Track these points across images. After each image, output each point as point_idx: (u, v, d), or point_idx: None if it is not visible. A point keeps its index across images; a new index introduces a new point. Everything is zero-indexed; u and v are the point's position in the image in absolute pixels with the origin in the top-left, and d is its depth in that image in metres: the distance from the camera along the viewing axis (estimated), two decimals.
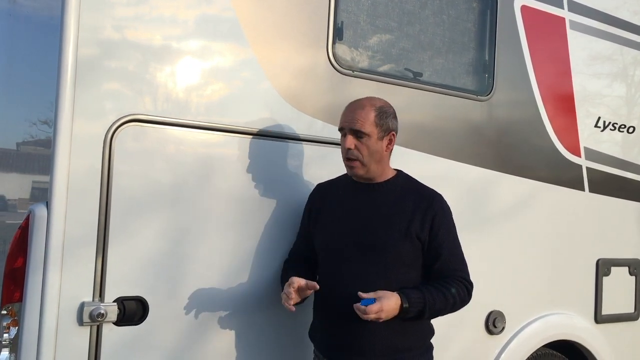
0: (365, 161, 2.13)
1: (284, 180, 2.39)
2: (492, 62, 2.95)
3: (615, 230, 3.43)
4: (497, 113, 2.97)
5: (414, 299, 2.00)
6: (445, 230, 2.14)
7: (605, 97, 3.45)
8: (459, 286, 2.11)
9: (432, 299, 2.04)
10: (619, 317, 3.41)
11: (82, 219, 1.97)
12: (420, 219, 2.10)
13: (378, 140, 2.13)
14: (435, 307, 2.05)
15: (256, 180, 2.33)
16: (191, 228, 2.18)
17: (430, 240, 2.11)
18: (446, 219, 2.16)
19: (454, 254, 2.15)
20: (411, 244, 2.09)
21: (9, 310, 1.95)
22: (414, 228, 2.09)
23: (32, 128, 2.50)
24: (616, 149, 3.46)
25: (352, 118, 2.12)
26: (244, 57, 2.31)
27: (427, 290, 2.05)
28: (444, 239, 2.12)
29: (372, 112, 2.12)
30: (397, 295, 1.98)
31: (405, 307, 1.98)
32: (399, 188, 2.19)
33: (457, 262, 2.16)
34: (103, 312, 1.97)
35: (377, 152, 2.14)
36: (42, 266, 1.92)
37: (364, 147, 2.12)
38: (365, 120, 2.11)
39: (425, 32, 2.78)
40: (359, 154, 2.12)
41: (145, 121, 2.09)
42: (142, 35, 2.11)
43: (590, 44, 3.33)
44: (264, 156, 2.35)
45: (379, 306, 1.92)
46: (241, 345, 2.29)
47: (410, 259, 2.11)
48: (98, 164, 2.00)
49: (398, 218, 2.11)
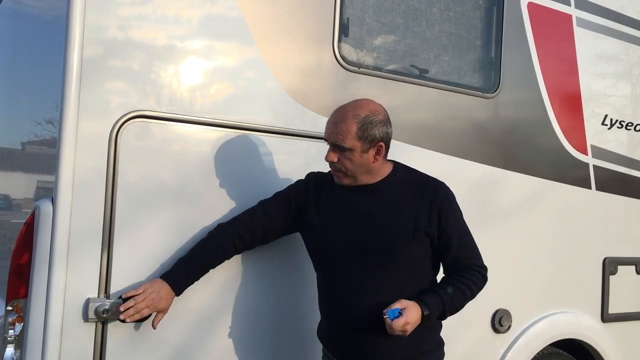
0: (350, 173, 2.04)
1: (289, 177, 2.38)
2: (498, 60, 2.94)
3: (622, 228, 3.41)
4: (504, 111, 2.96)
5: (433, 304, 1.98)
6: (453, 220, 2.09)
7: (612, 95, 3.43)
8: (473, 275, 2.08)
9: (450, 298, 2.01)
10: (626, 316, 3.38)
11: (87, 215, 1.98)
12: (426, 213, 2.04)
13: (362, 153, 2.00)
14: (454, 305, 2.04)
15: (261, 177, 2.33)
16: (196, 224, 2.18)
17: (440, 233, 2.06)
18: (452, 208, 2.10)
19: (464, 243, 2.10)
20: (420, 241, 2.04)
21: (14, 306, 1.96)
22: (422, 224, 2.03)
23: (37, 127, 2.50)
24: (623, 147, 3.44)
25: (333, 131, 2.00)
26: (250, 55, 2.30)
27: (444, 291, 2.02)
28: (453, 229, 2.07)
29: (354, 125, 1.96)
30: (417, 305, 1.95)
31: (426, 314, 1.96)
32: (398, 182, 2.10)
33: (468, 250, 2.11)
34: (108, 308, 1.97)
35: (362, 165, 2.03)
36: (47, 262, 1.92)
37: (347, 161, 2.01)
38: (347, 134, 1.97)
39: (431, 29, 2.77)
40: (341, 166, 2.03)
41: (151, 117, 2.09)
42: (147, 34, 2.11)
43: (597, 42, 3.32)
44: (269, 153, 2.34)
45: (404, 320, 1.90)
46: (247, 342, 2.29)
47: (420, 257, 2.07)
48: (103, 161, 2.00)
49: (403, 216, 2.05)
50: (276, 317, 2.35)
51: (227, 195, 2.24)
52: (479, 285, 2.10)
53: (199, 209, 2.19)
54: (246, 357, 2.29)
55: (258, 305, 2.31)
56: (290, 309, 2.38)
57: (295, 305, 2.39)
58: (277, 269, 2.35)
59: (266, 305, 2.31)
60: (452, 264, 2.10)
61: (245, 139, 2.29)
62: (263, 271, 2.32)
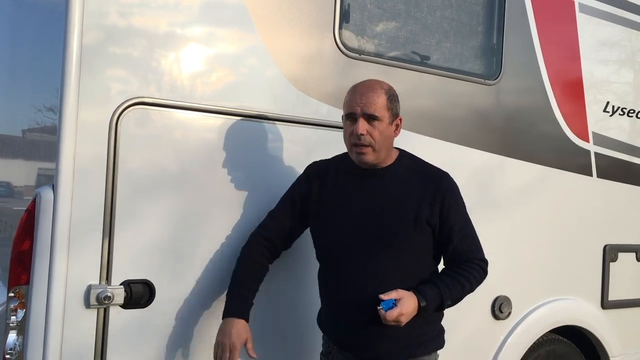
0: (377, 147, 2.02)
1: (290, 164, 2.38)
2: (500, 46, 2.92)
3: (622, 216, 3.41)
4: (505, 98, 2.95)
5: (431, 295, 1.97)
6: (456, 211, 2.07)
7: (614, 82, 3.42)
8: (473, 268, 2.07)
9: (449, 290, 2.00)
10: (626, 302, 3.39)
11: (88, 202, 1.98)
12: (429, 203, 2.03)
13: (389, 124, 2.04)
14: (452, 297, 2.02)
15: (262, 164, 2.32)
16: (197, 212, 2.18)
17: (441, 223, 2.05)
18: (455, 199, 2.09)
19: (466, 234, 2.09)
20: (422, 230, 2.03)
21: (16, 292, 1.96)
22: (424, 214, 2.02)
23: (37, 115, 2.50)
24: (625, 134, 3.43)
25: (366, 101, 1.99)
26: (251, 42, 2.29)
27: (442, 283, 2.01)
28: (455, 220, 2.06)
29: (383, 95, 2.02)
30: (414, 296, 1.94)
31: (423, 305, 1.95)
32: (403, 170, 2.10)
33: (469, 242, 2.10)
34: (110, 295, 1.98)
35: (388, 137, 2.05)
36: (49, 249, 1.93)
37: (377, 132, 2.00)
38: (377, 103, 2.00)
39: (432, 15, 2.75)
40: (371, 139, 2.00)
41: (151, 104, 2.09)
42: (147, 21, 2.10)
43: (600, 28, 3.29)
44: (270, 140, 2.34)
45: (398, 311, 1.90)
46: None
47: (422, 246, 2.07)
48: (104, 148, 2.00)
49: (407, 204, 2.04)
50: (276, 305, 2.36)
51: (228, 183, 2.24)
52: (478, 279, 2.09)
53: (200, 195, 2.19)
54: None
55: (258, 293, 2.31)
56: (290, 297, 2.39)
57: (296, 294, 2.40)
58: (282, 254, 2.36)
59: (266, 293, 2.31)
60: (453, 255, 2.09)
61: (246, 126, 2.28)
62: None
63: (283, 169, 2.36)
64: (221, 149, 2.23)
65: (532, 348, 3.04)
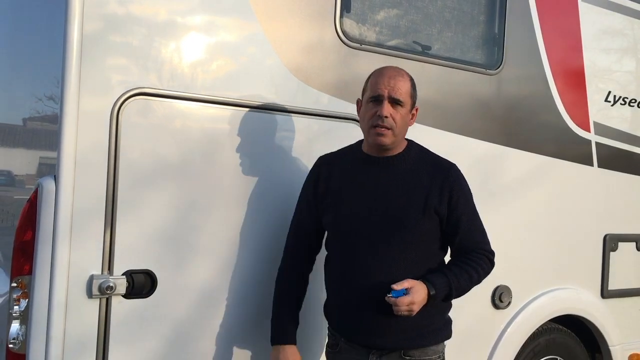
0: (396, 131, 2.04)
1: (290, 154, 2.38)
2: (501, 35, 2.91)
3: (623, 205, 3.41)
4: (507, 87, 2.94)
5: (440, 284, 1.98)
6: (464, 201, 2.09)
7: (616, 72, 3.40)
8: (480, 259, 2.08)
9: (457, 280, 2.02)
10: (626, 292, 3.41)
11: (90, 192, 1.98)
12: (437, 192, 2.05)
13: (409, 112, 2.07)
14: (460, 287, 2.04)
15: (263, 154, 2.33)
16: (198, 202, 2.18)
17: (449, 213, 2.06)
18: (463, 189, 2.11)
19: (473, 225, 2.11)
20: (430, 219, 2.04)
21: (19, 282, 1.97)
22: (432, 202, 2.03)
23: (38, 104, 2.49)
24: (626, 123, 3.42)
25: (394, 86, 2.02)
26: (251, 31, 2.28)
27: (451, 272, 2.03)
28: (463, 211, 2.08)
29: (409, 82, 2.06)
30: (424, 285, 1.96)
31: (433, 294, 1.96)
32: (412, 160, 2.11)
33: (476, 233, 2.12)
34: (112, 285, 1.99)
35: (407, 123, 2.08)
36: (51, 239, 1.93)
37: (398, 117, 2.03)
38: (403, 88, 2.03)
39: (434, 4, 2.74)
40: (393, 122, 2.02)
41: (152, 95, 2.08)
42: (147, 9, 2.09)
43: (602, 17, 3.28)
44: (270, 130, 2.34)
45: (410, 299, 1.90)
46: (249, 318, 2.31)
47: (430, 234, 2.07)
48: (105, 138, 2.00)
49: (415, 193, 2.05)
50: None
51: (229, 172, 2.25)
52: (485, 270, 2.11)
53: (201, 185, 2.19)
54: (249, 334, 2.32)
55: (258, 281, 2.33)
56: None
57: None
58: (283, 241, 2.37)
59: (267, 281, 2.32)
60: (460, 246, 2.10)
61: (247, 115, 2.28)
62: (263, 247, 2.33)
63: (284, 159, 2.37)
64: (222, 139, 2.23)
65: (531, 337, 3.06)
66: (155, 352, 2.12)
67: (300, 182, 2.37)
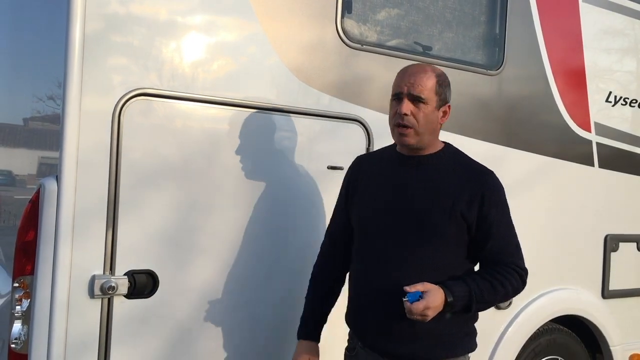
0: (419, 130, 1.93)
1: (291, 154, 2.38)
2: (502, 36, 2.92)
3: (624, 206, 3.42)
4: (507, 88, 2.95)
5: (459, 292, 1.85)
6: (496, 211, 1.94)
7: (616, 72, 3.41)
8: (509, 274, 1.92)
9: (479, 291, 1.87)
10: (627, 292, 3.41)
11: (92, 192, 1.98)
12: (467, 198, 1.92)
13: (435, 109, 1.95)
14: (483, 300, 1.89)
15: (264, 154, 2.33)
16: (200, 202, 2.19)
17: (479, 222, 1.92)
18: (497, 199, 1.96)
19: (505, 238, 1.96)
20: (456, 224, 1.91)
21: (21, 282, 1.97)
22: (460, 207, 1.91)
23: (39, 103, 2.50)
24: (627, 124, 3.43)
25: (413, 82, 1.92)
26: (252, 31, 2.29)
27: (473, 282, 1.89)
28: (494, 221, 1.92)
29: (433, 78, 1.95)
30: (441, 290, 1.83)
31: (450, 301, 1.83)
32: (446, 162, 2.01)
33: (508, 246, 1.96)
34: (114, 285, 1.99)
35: (431, 122, 1.96)
36: (53, 239, 1.94)
37: (421, 114, 1.92)
38: (426, 85, 1.92)
39: (435, 5, 2.74)
40: (414, 121, 1.92)
41: (154, 95, 2.09)
42: (149, 9, 2.09)
43: (603, 17, 3.28)
44: (272, 130, 2.34)
45: (424, 304, 1.78)
46: (251, 318, 2.32)
47: (454, 240, 1.94)
48: (107, 139, 2.00)
49: (443, 195, 1.93)
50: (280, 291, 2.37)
51: (231, 173, 2.25)
52: (514, 286, 1.94)
53: (203, 186, 2.19)
54: (251, 334, 2.32)
55: (260, 281, 2.33)
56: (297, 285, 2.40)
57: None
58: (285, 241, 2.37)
59: (269, 280, 2.33)
60: (489, 257, 1.95)
61: (248, 116, 2.28)
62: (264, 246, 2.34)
63: (285, 159, 2.37)
64: (223, 140, 2.23)
65: (532, 337, 3.06)
66: (156, 352, 2.12)
67: (300, 181, 2.38)
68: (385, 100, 2.56)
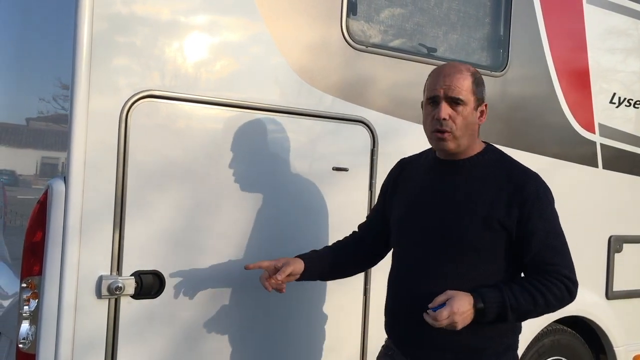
0: (458, 134, 1.83)
1: (295, 155, 2.39)
2: (507, 37, 2.92)
3: (628, 207, 3.42)
4: (512, 89, 2.95)
5: (490, 298, 1.72)
6: (539, 216, 1.80)
7: (620, 73, 3.41)
8: (553, 283, 1.76)
9: (515, 298, 1.73)
10: (631, 293, 3.41)
11: (99, 193, 1.99)
12: (506, 203, 1.80)
13: (473, 110, 1.85)
14: (519, 309, 1.74)
15: (269, 155, 2.33)
16: (206, 203, 2.19)
17: (520, 228, 1.79)
18: (541, 203, 1.82)
19: (550, 245, 1.81)
20: (491, 232, 1.80)
21: (29, 283, 1.98)
22: (497, 214, 1.79)
23: (42, 104, 2.50)
24: (631, 125, 3.43)
25: (450, 84, 1.82)
26: (257, 32, 2.29)
27: (509, 289, 1.75)
28: (537, 226, 1.79)
29: (470, 78, 1.84)
30: (469, 296, 1.72)
31: (480, 307, 1.71)
32: (486, 165, 1.89)
33: (554, 254, 1.80)
34: (121, 286, 2.00)
35: (471, 123, 1.85)
36: (60, 240, 1.94)
37: (459, 118, 1.82)
38: (463, 86, 1.82)
39: (439, 6, 2.75)
40: (453, 124, 1.82)
41: (161, 97, 2.09)
42: (154, 10, 2.10)
43: (607, 18, 3.28)
44: (277, 132, 2.35)
45: (448, 310, 1.68)
46: (257, 319, 2.32)
47: (490, 248, 1.82)
48: (114, 140, 2.01)
49: (478, 201, 1.82)
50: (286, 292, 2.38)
51: (237, 174, 2.25)
52: (558, 297, 1.77)
53: (209, 187, 2.20)
54: (257, 334, 2.33)
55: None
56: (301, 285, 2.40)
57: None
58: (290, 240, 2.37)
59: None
60: (532, 266, 1.81)
61: (254, 117, 2.29)
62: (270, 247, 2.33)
63: (286, 160, 2.37)
64: (230, 141, 2.24)
65: (536, 338, 3.06)
66: (163, 352, 2.13)
67: (306, 183, 2.38)
68: (389, 101, 2.59)
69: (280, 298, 2.35)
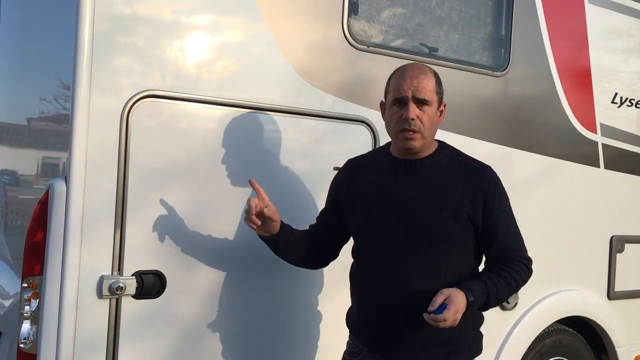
0: (425, 133, 1.90)
1: (296, 155, 2.39)
2: (508, 37, 2.92)
3: (630, 207, 3.42)
4: (513, 89, 2.95)
5: (477, 290, 1.82)
6: (500, 207, 1.93)
7: (622, 73, 3.40)
8: (519, 267, 1.92)
9: (495, 287, 1.86)
10: (632, 293, 3.41)
11: (100, 193, 1.99)
12: (471, 197, 1.90)
13: (437, 110, 1.94)
14: (498, 295, 1.88)
15: (271, 155, 2.33)
16: (208, 203, 2.19)
17: (484, 220, 1.91)
18: (499, 194, 1.95)
19: (510, 232, 1.95)
20: (462, 226, 1.90)
21: (30, 283, 1.98)
22: (465, 208, 1.89)
23: (43, 103, 2.50)
24: (633, 125, 3.43)
25: (417, 85, 1.88)
26: (258, 32, 2.29)
27: (488, 279, 1.87)
28: (499, 217, 1.92)
29: (433, 78, 1.92)
30: (460, 291, 1.79)
31: (471, 300, 1.80)
32: (444, 162, 1.98)
33: (513, 240, 1.96)
34: (122, 286, 2.00)
35: (435, 123, 1.94)
36: (61, 240, 1.94)
37: (426, 117, 1.89)
38: (428, 87, 1.89)
39: (441, 6, 2.75)
40: (421, 124, 1.88)
41: (163, 97, 2.09)
42: (155, 10, 2.10)
43: (609, 18, 3.28)
44: (278, 131, 2.35)
45: (454, 308, 1.73)
46: (258, 318, 2.32)
47: (463, 242, 1.93)
48: (115, 140, 2.01)
49: (446, 198, 1.90)
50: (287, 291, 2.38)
51: (238, 174, 2.25)
52: (524, 278, 1.95)
53: (211, 187, 2.20)
54: (258, 334, 2.33)
55: (267, 282, 2.33)
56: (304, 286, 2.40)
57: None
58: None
59: (277, 281, 2.33)
60: (497, 253, 1.95)
61: (255, 117, 2.29)
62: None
63: (288, 160, 2.36)
64: (231, 141, 2.23)
65: (538, 338, 3.07)
66: (164, 352, 2.13)
67: (306, 182, 2.38)
68: None
69: (281, 298, 2.36)
